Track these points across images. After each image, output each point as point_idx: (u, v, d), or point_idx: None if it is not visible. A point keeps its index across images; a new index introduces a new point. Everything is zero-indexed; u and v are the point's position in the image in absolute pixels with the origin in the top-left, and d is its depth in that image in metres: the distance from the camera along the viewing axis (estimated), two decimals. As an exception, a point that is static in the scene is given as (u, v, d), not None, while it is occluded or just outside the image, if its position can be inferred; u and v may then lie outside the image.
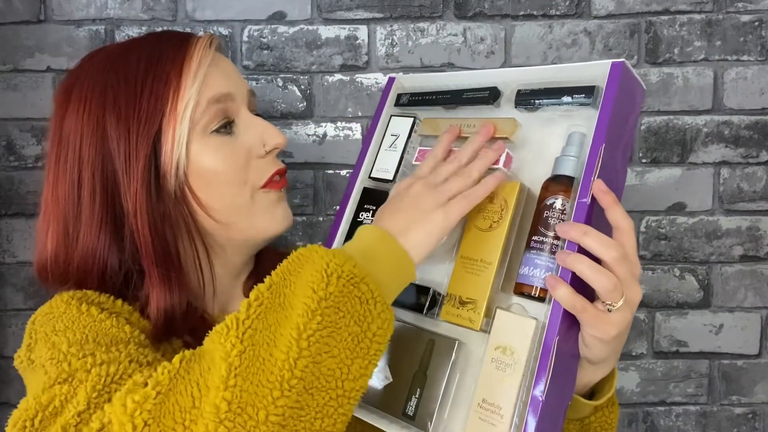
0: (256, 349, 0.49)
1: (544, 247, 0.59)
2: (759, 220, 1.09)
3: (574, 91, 0.63)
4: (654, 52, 1.06)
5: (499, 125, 0.67)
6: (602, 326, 0.56)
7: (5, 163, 1.07)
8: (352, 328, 0.52)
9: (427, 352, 0.63)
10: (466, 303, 0.62)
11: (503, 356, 0.58)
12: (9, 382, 1.08)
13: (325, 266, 0.52)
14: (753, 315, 1.10)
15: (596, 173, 0.58)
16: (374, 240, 0.58)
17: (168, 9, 1.05)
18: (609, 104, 0.60)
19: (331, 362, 0.51)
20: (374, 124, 0.78)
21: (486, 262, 0.62)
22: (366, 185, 0.77)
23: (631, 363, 1.11)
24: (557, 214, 0.60)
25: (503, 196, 0.64)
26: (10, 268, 1.09)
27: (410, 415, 0.62)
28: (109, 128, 0.65)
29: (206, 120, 0.67)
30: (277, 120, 1.07)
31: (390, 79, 0.81)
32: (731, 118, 1.07)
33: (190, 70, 0.66)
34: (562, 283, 0.56)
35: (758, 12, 1.05)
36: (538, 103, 0.66)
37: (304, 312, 0.50)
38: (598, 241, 0.55)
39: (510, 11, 1.06)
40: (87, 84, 0.68)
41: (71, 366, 0.55)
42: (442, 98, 0.74)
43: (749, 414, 1.11)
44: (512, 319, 0.59)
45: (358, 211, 0.75)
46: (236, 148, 0.69)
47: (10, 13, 1.05)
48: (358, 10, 1.06)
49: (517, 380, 0.56)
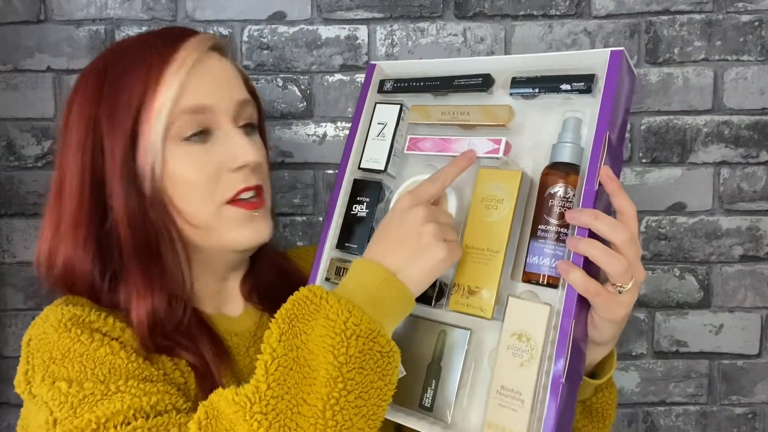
0: (281, 418, 0.51)
1: (550, 235, 0.60)
2: (759, 220, 1.09)
3: (572, 80, 0.63)
4: (654, 52, 1.06)
5: (496, 112, 0.67)
6: (614, 308, 0.58)
7: (5, 163, 1.07)
8: (377, 383, 0.54)
9: (439, 344, 0.64)
10: (475, 292, 0.62)
11: (519, 343, 0.59)
12: (9, 382, 1.08)
13: (343, 327, 0.53)
14: (753, 315, 1.10)
15: (602, 161, 0.59)
16: (380, 283, 0.58)
17: (168, 9, 1.05)
18: (611, 92, 0.61)
19: (359, 421, 0.52)
20: (358, 113, 0.76)
21: (492, 250, 0.62)
22: (356, 176, 0.75)
23: (631, 363, 1.11)
24: (561, 202, 0.60)
25: (507, 185, 0.64)
26: (10, 268, 1.09)
27: (427, 406, 0.63)
28: (100, 120, 0.66)
29: (180, 126, 0.66)
30: (277, 120, 1.07)
31: (371, 65, 0.78)
32: (731, 118, 1.07)
33: (170, 72, 0.66)
34: (575, 268, 0.57)
35: (758, 12, 1.05)
36: (537, 91, 0.66)
37: (327, 381, 0.51)
38: (609, 225, 0.57)
39: (510, 11, 1.05)
40: (91, 78, 0.69)
41: (76, 414, 0.56)
42: (431, 85, 0.72)
43: (749, 414, 1.11)
44: (526, 306, 0.60)
45: (351, 203, 0.74)
46: (207, 158, 0.67)
47: (10, 13, 1.05)
48: (358, 10, 1.06)
49: (535, 365, 0.57)
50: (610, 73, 0.61)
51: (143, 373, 0.61)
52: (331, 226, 0.74)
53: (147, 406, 0.57)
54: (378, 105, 0.75)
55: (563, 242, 0.60)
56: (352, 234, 0.73)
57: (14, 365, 0.64)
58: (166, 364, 0.65)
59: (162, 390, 0.59)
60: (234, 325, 0.76)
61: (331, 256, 0.74)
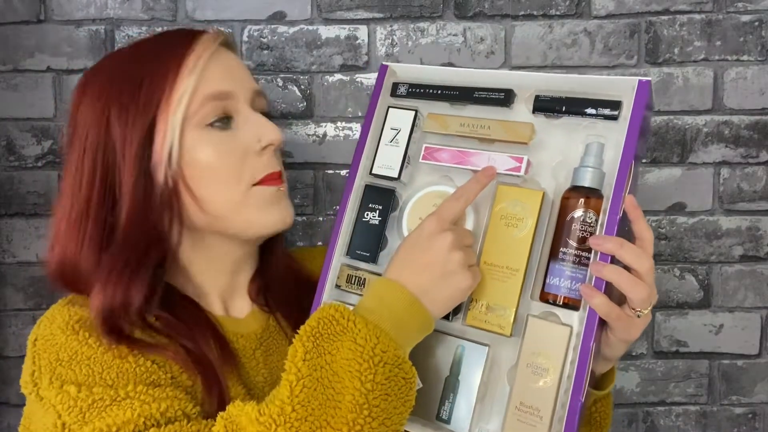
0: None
1: (569, 257, 0.62)
2: (759, 220, 1.09)
3: (598, 104, 0.64)
4: (654, 52, 1.06)
5: (518, 129, 0.67)
6: (631, 330, 0.61)
7: (5, 163, 1.07)
8: (399, 408, 0.55)
9: (457, 358, 0.65)
10: (494, 309, 0.64)
11: (539, 361, 0.61)
12: (9, 382, 1.08)
13: (371, 354, 0.53)
14: (753, 315, 1.10)
15: (627, 189, 0.61)
16: (405, 307, 0.58)
17: (168, 9, 1.05)
18: (637, 122, 0.62)
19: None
20: (370, 115, 0.75)
21: (512, 269, 0.64)
22: (367, 182, 0.74)
23: (631, 363, 1.11)
24: (583, 226, 0.62)
25: (528, 204, 0.65)
26: (10, 268, 1.09)
27: (445, 419, 0.64)
28: (112, 118, 0.66)
29: (202, 114, 0.67)
30: (277, 120, 1.07)
31: (382, 66, 0.77)
32: (731, 118, 1.07)
33: (188, 63, 0.67)
34: (598, 293, 0.59)
35: (758, 12, 1.05)
36: (561, 113, 0.66)
37: (354, 407, 0.52)
38: (634, 254, 0.59)
39: (510, 11, 1.06)
40: (100, 77, 0.70)
41: (85, 419, 0.56)
42: (449, 94, 0.72)
43: (749, 414, 1.11)
44: (546, 326, 0.62)
45: (362, 210, 0.72)
46: (232, 144, 0.69)
47: (10, 13, 1.05)
48: (358, 10, 1.06)
49: (554, 384, 0.60)
50: (637, 103, 0.63)
51: (151, 377, 0.61)
52: (340, 232, 0.73)
53: (157, 413, 0.57)
54: (391, 109, 0.74)
55: (583, 265, 0.61)
56: (364, 242, 0.72)
57: (14, 365, 0.64)
58: (173, 368, 0.64)
59: (171, 395, 0.59)
60: (240, 326, 0.76)
61: (341, 263, 0.73)
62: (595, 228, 0.62)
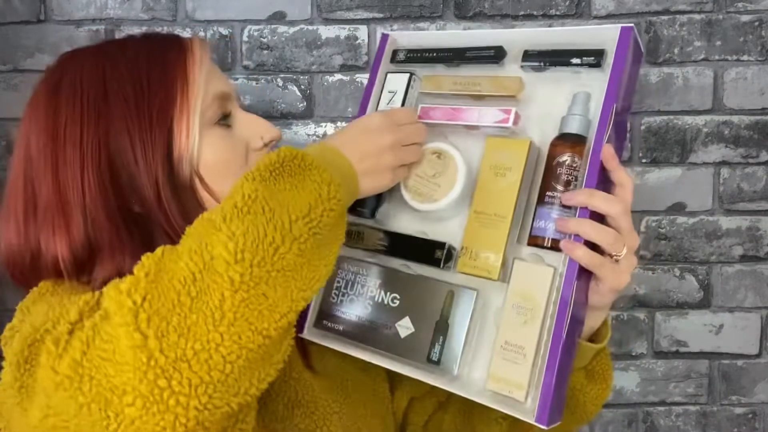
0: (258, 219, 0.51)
1: (556, 201, 0.64)
2: (759, 220, 1.09)
3: (582, 54, 0.66)
4: (654, 52, 1.06)
5: (506, 83, 0.69)
6: (619, 277, 0.63)
7: (5, 163, 1.07)
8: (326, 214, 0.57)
9: (447, 303, 0.67)
10: (482, 255, 0.66)
11: (523, 302, 0.63)
12: (9, 382, 1.08)
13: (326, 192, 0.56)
14: (753, 315, 1.10)
15: (607, 135, 0.63)
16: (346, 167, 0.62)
17: (168, 9, 1.05)
18: (619, 68, 0.64)
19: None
20: (371, 82, 0.78)
21: (500, 216, 0.66)
22: None
23: (631, 363, 1.11)
24: (569, 170, 0.64)
25: (515, 153, 0.67)
26: (10, 268, 1.09)
27: (435, 360, 0.66)
28: (115, 119, 0.66)
29: (210, 114, 0.69)
30: (277, 120, 1.07)
31: (384, 35, 0.79)
32: (731, 118, 1.07)
33: (195, 64, 0.69)
34: (578, 246, 0.61)
35: (758, 12, 1.05)
36: (547, 65, 0.68)
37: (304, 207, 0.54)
38: (603, 200, 0.61)
39: (510, 11, 1.06)
40: (80, 77, 0.68)
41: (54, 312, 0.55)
42: (443, 56, 0.74)
43: (749, 414, 1.11)
44: (531, 268, 0.64)
45: None
46: (235, 140, 0.71)
47: (10, 13, 1.05)
48: (358, 10, 1.06)
49: (537, 323, 0.61)
50: (619, 49, 0.64)
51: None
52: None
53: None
54: (389, 74, 0.77)
55: (568, 207, 0.63)
56: (363, 198, 0.73)
57: (14, 365, 0.64)
58: None
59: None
60: None
61: None
62: (581, 172, 0.64)
